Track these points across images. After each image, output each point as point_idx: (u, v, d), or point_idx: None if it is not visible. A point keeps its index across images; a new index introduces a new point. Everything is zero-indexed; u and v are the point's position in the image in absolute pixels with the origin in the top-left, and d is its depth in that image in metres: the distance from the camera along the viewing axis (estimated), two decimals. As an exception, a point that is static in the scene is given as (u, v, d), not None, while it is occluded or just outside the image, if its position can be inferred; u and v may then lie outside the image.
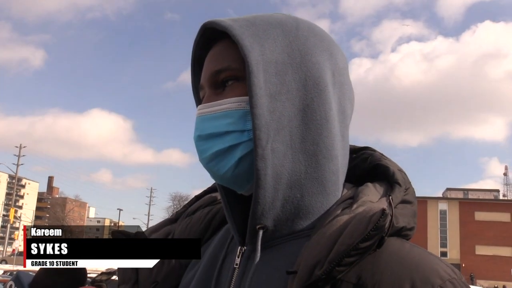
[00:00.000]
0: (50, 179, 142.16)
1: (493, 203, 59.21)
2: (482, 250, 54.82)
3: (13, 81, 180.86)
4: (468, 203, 57.84)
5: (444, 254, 55.76)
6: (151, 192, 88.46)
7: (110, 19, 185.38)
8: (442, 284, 0.65)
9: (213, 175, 0.79)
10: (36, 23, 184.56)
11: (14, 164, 56.13)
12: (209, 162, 0.77)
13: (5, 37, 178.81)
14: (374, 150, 0.86)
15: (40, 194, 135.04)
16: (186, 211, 0.95)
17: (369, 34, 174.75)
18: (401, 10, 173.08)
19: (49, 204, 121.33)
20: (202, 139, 0.78)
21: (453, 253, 55.91)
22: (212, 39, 0.81)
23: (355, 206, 0.72)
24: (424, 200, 57.71)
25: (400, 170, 0.80)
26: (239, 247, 0.78)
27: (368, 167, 0.83)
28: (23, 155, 57.29)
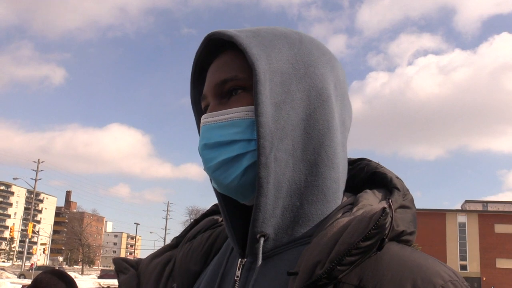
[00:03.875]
0: (68, 193, 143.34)
1: (513, 215, 58.20)
2: (503, 263, 53.85)
3: (34, 98, 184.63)
4: (488, 216, 56.93)
5: (464, 267, 54.90)
6: (167, 206, 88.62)
7: (130, 37, 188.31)
8: (443, 284, 0.65)
9: (218, 184, 0.78)
10: (57, 42, 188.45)
11: (32, 179, 56.70)
12: (215, 170, 0.76)
13: (27, 55, 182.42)
14: (370, 160, 0.86)
15: (58, 208, 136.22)
16: (186, 235, 0.94)
17: (385, 48, 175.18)
18: (418, 24, 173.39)
19: (67, 219, 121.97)
20: (208, 148, 0.77)
21: (473, 266, 55.00)
22: (215, 51, 0.82)
23: (355, 209, 0.73)
24: (442, 213, 57.01)
25: (398, 178, 0.81)
26: (239, 259, 0.78)
27: (365, 176, 0.84)
28: (41, 170, 57.80)
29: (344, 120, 0.83)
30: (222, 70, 0.79)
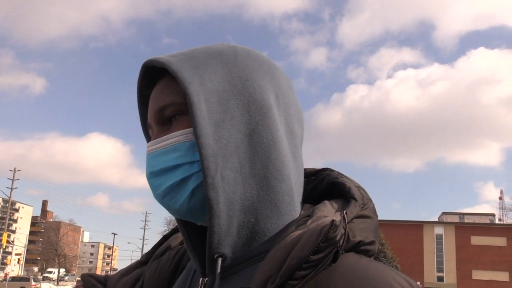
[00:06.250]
0: (44, 203, 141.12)
1: (489, 227, 58.99)
2: (478, 274, 54.43)
3: (13, 106, 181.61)
4: (464, 227, 57.55)
5: (440, 278, 55.38)
6: (146, 216, 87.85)
7: (112, 48, 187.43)
8: None
9: (169, 209, 0.78)
10: (38, 51, 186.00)
11: (8, 187, 55.76)
12: (164, 197, 0.77)
13: (7, 63, 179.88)
14: (332, 170, 0.85)
15: (33, 218, 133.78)
16: (155, 252, 0.94)
17: (366, 61, 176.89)
18: (397, 38, 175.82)
19: (43, 229, 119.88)
20: (154, 176, 0.77)
21: (450, 277, 55.49)
22: (155, 78, 0.82)
23: (309, 222, 0.72)
24: (420, 225, 57.50)
25: (358, 187, 0.80)
26: (201, 279, 0.78)
27: (325, 186, 0.82)
28: (18, 179, 56.93)
29: (292, 128, 0.81)
30: (160, 97, 0.79)
